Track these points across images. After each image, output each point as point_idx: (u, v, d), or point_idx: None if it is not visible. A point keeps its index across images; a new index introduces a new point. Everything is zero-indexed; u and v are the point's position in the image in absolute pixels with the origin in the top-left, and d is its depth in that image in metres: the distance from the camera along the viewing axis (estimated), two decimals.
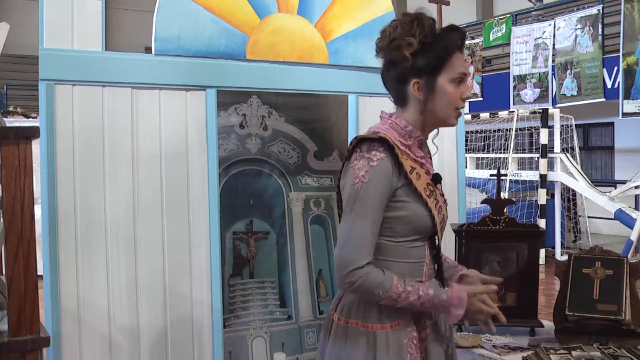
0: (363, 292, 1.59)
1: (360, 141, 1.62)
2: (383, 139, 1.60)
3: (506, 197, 6.73)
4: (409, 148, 1.65)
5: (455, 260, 2.54)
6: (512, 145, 9.32)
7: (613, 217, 8.28)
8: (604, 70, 8.84)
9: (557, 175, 8.76)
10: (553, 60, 9.61)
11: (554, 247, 8.75)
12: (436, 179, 1.69)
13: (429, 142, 1.79)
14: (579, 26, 9.19)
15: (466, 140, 5.25)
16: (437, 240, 1.71)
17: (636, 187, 8.50)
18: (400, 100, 1.69)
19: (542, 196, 8.46)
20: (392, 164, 1.59)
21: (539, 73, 9.83)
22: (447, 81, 1.63)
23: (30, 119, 9.02)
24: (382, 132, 1.64)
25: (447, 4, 12.26)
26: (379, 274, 1.56)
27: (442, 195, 1.73)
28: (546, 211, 8.47)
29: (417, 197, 1.62)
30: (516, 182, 9.03)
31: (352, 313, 1.65)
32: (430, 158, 1.80)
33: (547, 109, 8.69)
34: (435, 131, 1.76)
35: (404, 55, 1.60)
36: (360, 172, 1.58)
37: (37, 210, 1.91)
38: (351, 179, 1.59)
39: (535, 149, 9.53)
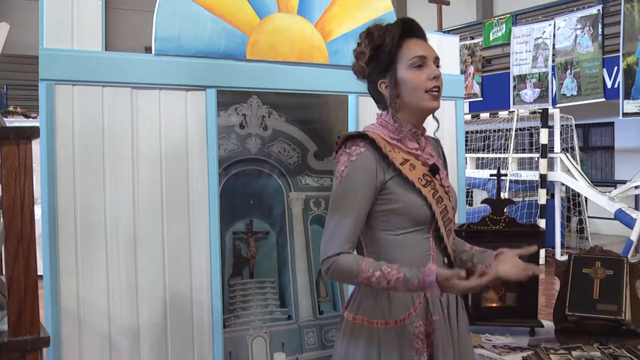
0: (339, 279, 1.64)
1: (345, 139, 1.68)
2: (363, 134, 1.65)
3: (506, 197, 6.73)
4: (400, 142, 1.69)
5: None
6: (512, 145, 9.32)
7: (613, 217, 8.28)
8: (604, 70, 8.85)
9: (557, 175, 8.76)
10: (553, 60, 9.62)
11: (554, 247, 8.75)
12: (433, 169, 1.71)
13: (430, 135, 1.84)
14: (579, 26, 9.20)
15: (466, 140, 5.25)
16: (441, 232, 1.69)
17: (636, 187, 8.50)
18: (382, 104, 1.76)
19: (542, 196, 8.45)
20: (376, 157, 1.63)
21: (539, 73, 9.84)
22: (406, 69, 1.67)
23: (30, 119, 9.02)
24: (370, 129, 1.70)
25: (447, 4, 12.26)
26: (348, 260, 1.59)
27: (444, 186, 1.72)
28: (546, 211, 8.46)
29: (410, 188, 1.64)
30: (516, 182, 9.03)
31: (359, 310, 1.67)
32: (440, 149, 1.86)
33: (547, 109, 8.68)
34: (435, 125, 1.81)
35: (361, 66, 1.70)
36: (341, 167, 1.64)
37: (37, 210, 1.91)
38: (335, 174, 1.66)
39: (535, 149, 9.53)
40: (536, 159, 8.89)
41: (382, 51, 1.68)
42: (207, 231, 2.42)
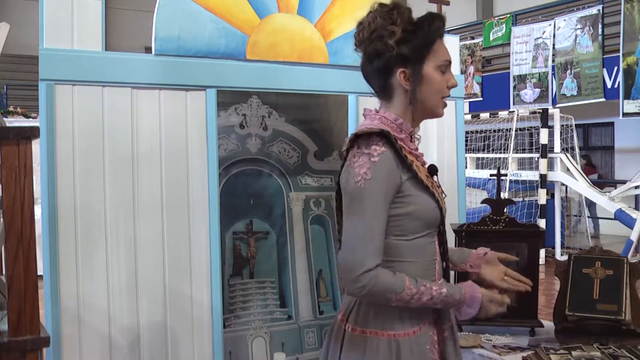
0: (374, 296, 1.50)
1: (357, 138, 1.55)
2: (383, 132, 1.53)
3: (506, 197, 6.72)
4: (403, 141, 1.59)
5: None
6: (512, 145, 9.32)
7: (613, 217, 8.28)
8: (604, 70, 8.85)
9: (557, 175, 8.76)
10: (553, 60, 9.62)
11: (554, 247, 8.75)
12: (432, 170, 1.65)
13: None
14: (579, 26, 9.20)
15: (466, 140, 5.25)
16: (445, 235, 1.66)
17: (636, 187, 8.50)
18: (386, 92, 1.63)
19: (542, 196, 8.46)
20: (395, 157, 1.53)
21: (539, 73, 9.84)
22: (433, 69, 1.59)
23: (30, 119, 9.02)
24: (375, 127, 1.57)
25: (447, 4, 12.25)
26: (389, 275, 1.49)
27: (440, 187, 1.68)
28: (546, 211, 8.47)
29: (423, 189, 1.56)
30: (516, 182, 9.04)
31: (368, 321, 1.57)
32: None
33: (547, 109, 8.69)
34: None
35: (388, 44, 1.55)
36: (361, 170, 1.50)
37: (37, 210, 1.90)
38: (353, 178, 1.52)
39: (535, 149, 9.53)
40: (536, 159, 8.89)
41: (415, 39, 1.56)
42: (207, 231, 2.42)
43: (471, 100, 11.12)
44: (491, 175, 3.07)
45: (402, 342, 1.55)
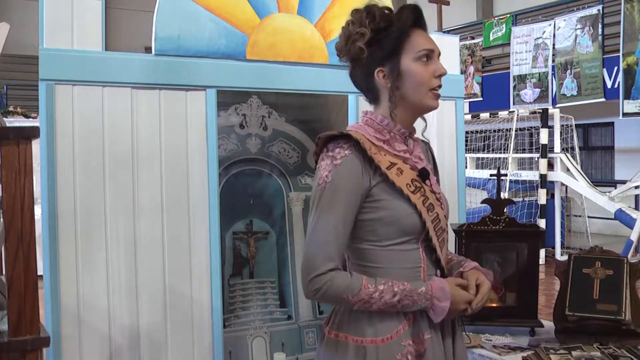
0: (331, 299, 1.50)
1: (326, 140, 1.53)
2: (346, 135, 1.50)
3: (506, 197, 6.72)
4: (387, 143, 1.56)
5: None
6: (512, 145, 9.32)
7: (613, 217, 8.28)
8: (604, 70, 8.84)
9: (557, 175, 8.76)
10: (553, 60, 9.62)
11: (554, 247, 8.75)
12: (422, 174, 1.57)
13: (418, 136, 1.69)
14: (579, 26, 9.20)
15: (466, 140, 5.25)
16: (433, 243, 1.55)
17: (636, 187, 8.50)
18: (373, 96, 1.61)
19: (542, 196, 8.46)
20: (361, 160, 1.49)
21: (539, 73, 9.84)
22: (411, 61, 1.54)
23: (30, 119, 9.02)
24: (354, 129, 1.56)
25: (447, 4, 12.28)
26: (346, 277, 1.47)
27: (436, 192, 1.59)
28: (546, 211, 8.47)
29: (397, 194, 1.50)
30: (516, 182, 9.04)
31: (342, 326, 1.54)
32: (429, 152, 1.73)
33: (547, 109, 8.69)
34: (423, 124, 1.66)
35: (359, 47, 1.53)
36: (324, 172, 1.49)
37: (37, 210, 1.91)
38: (317, 180, 1.50)
39: (535, 149, 9.53)
40: (536, 159, 8.89)
41: (386, 36, 1.53)
42: (207, 231, 2.42)
43: (471, 100, 11.12)
44: (491, 175, 3.07)
45: (369, 349, 1.50)
